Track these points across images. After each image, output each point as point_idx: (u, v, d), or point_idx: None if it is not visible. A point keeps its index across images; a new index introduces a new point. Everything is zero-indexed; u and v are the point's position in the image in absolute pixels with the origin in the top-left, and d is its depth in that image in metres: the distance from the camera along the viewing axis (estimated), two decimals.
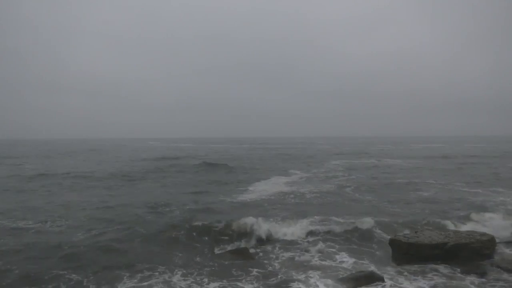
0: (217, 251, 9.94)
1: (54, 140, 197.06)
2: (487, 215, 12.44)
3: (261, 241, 10.71)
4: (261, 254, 9.71)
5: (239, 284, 7.67)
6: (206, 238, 10.69)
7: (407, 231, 10.71)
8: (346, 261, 8.89)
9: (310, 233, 11.14)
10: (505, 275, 7.58)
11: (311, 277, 7.87)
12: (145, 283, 7.62)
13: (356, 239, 10.39)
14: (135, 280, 7.76)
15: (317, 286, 7.45)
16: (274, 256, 9.47)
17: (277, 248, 10.04)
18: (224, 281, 7.79)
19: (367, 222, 11.74)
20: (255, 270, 8.38)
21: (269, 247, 10.19)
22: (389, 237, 9.79)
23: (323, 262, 8.83)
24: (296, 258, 9.20)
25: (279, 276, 8.01)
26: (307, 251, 9.70)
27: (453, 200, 15.87)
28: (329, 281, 7.62)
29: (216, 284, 7.65)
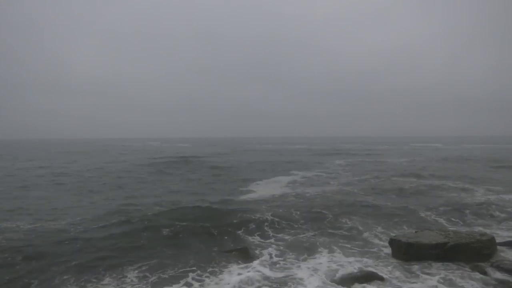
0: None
1: (46, 140, 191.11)
2: None
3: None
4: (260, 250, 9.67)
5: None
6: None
7: (407, 231, 10.67)
8: (346, 260, 8.83)
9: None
10: (506, 276, 7.55)
11: (310, 276, 7.82)
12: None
13: (355, 239, 10.34)
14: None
15: (317, 285, 7.39)
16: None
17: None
18: None
19: (367, 222, 11.69)
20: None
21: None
22: (388, 237, 9.75)
23: (322, 261, 8.77)
24: (293, 257, 9.14)
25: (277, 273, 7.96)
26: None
27: (452, 200, 15.86)
28: (328, 281, 7.57)
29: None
